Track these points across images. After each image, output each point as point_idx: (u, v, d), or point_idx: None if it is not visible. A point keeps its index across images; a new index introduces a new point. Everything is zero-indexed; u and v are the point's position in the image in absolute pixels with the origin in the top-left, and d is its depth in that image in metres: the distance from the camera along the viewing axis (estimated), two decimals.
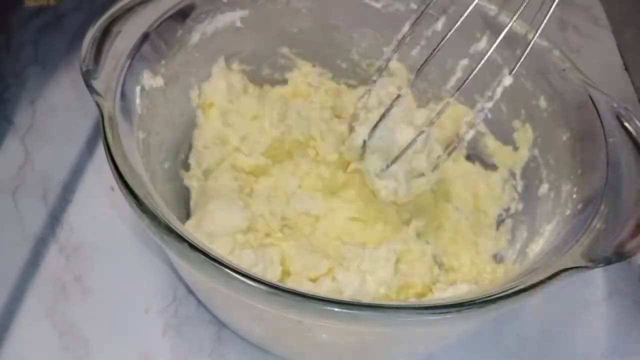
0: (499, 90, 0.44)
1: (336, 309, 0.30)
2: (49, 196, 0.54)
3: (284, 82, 0.57)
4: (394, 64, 0.56)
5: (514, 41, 0.46)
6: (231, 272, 0.31)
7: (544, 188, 0.45)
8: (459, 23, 0.42)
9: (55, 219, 0.52)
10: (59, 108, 0.61)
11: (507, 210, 0.50)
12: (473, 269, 0.48)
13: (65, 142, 0.58)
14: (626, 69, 0.71)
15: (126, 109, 0.40)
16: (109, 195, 0.54)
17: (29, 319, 0.46)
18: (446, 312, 0.31)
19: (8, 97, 0.61)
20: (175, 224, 0.33)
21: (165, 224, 0.33)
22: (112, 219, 0.52)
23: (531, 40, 0.41)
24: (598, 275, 0.53)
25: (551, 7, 0.39)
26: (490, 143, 0.52)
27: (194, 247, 0.32)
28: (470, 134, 0.46)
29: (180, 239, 0.32)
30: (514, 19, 0.42)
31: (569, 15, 0.77)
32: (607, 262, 0.33)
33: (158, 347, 0.45)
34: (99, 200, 0.54)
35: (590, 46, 0.74)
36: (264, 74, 0.56)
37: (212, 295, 0.41)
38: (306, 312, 0.31)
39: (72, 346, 0.45)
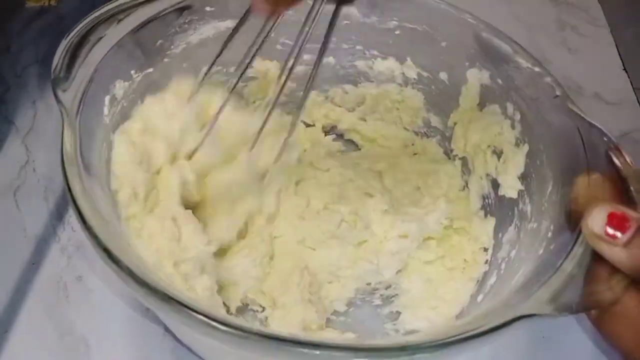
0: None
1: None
2: (51, 197, 0.54)
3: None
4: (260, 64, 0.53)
5: None
6: (212, 322, 0.30)
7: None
8: None
9: (56, 219, 0.53)
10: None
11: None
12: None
13: None
14: (625, 70, 0.71)
15: (94, 118, 0.39)
16: None
17: (30, 319, 0.47)
18: (396, 356, 0.30)
19: (9, 98, 0.62)
20: (146, 277, 0.32)
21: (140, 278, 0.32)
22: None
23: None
24: None
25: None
26: None
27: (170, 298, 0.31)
28: None
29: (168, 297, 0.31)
30: None
31: (568, 16, 0.78)
32: (573, 311, 0.32)
33: (159, 348, 0.46)
34: None
35: (588, 47, 0.74)
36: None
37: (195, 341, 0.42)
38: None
39: (72, 346, 0.45)
